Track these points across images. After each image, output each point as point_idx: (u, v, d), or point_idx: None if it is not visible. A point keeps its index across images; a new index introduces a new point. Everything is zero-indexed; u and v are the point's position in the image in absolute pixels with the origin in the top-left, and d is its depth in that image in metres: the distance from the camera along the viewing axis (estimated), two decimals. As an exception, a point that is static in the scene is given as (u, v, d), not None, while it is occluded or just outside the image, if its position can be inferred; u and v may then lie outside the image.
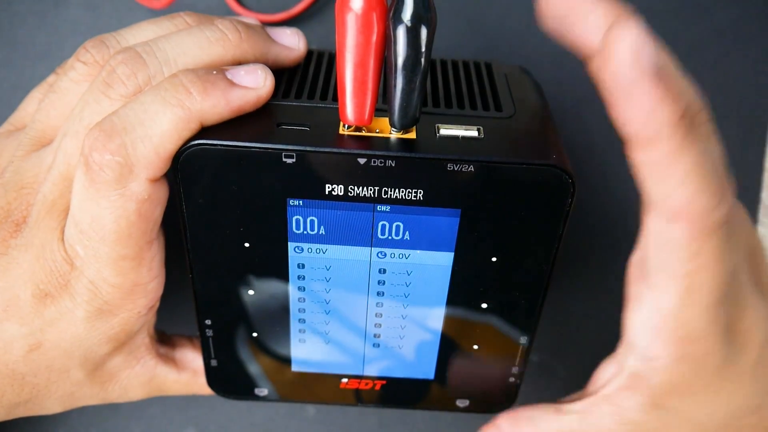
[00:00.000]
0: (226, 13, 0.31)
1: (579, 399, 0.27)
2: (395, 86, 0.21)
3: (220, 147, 0.22)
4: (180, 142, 0.22)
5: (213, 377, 0.28)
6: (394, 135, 0.22)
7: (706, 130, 0.21)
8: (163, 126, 0.21)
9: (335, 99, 0.23)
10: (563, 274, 0.34)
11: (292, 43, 0.25)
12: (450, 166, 0.22)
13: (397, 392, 0.28)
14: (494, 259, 0.24)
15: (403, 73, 0.21)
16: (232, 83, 0.22)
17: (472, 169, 0.22)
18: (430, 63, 0.24)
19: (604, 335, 0.34)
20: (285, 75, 0.25)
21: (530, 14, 0.28)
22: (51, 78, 0.27)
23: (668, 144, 0.19)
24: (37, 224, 0.23)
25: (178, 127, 0.21)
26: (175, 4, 0.31)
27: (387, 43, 0.21)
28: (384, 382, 0.28)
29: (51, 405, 0.26)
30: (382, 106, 0.23)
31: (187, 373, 0.29)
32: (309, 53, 0.26)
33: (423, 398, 0.29)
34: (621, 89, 0.19)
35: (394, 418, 0.37)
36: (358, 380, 0.28)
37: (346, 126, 0.22)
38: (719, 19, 0.32)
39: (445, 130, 0.22)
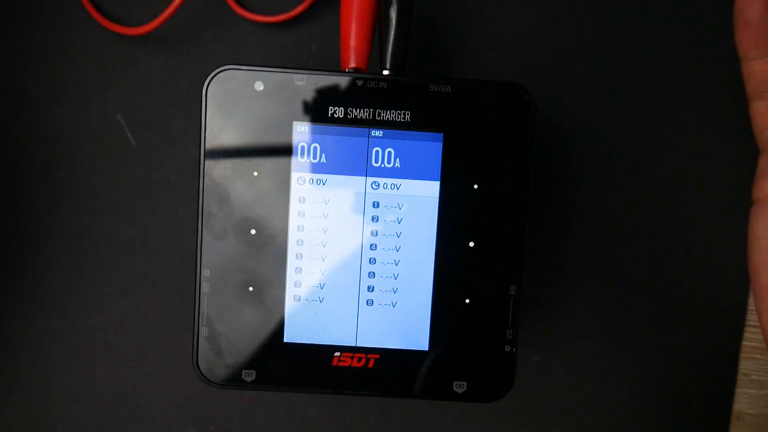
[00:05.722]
0: (227, 12, 0.33)
1: None
2: (388, 30, 0.27)
3: (243, 70, 0.26)
4: None
5: (201, 354, 0.27)
6: (386, 73, 0.27)
7: None
8: None
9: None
10: (563, 274, 0.34)
11: None
12: (431, 87, 0.26)
13: (391, 371, 0.27)
14: (476, 186, 0.27)
15: (395, 19, 0.27)
16: None
17: (450, 89, 0.26)
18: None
19: (604, 335, 0.33)
20: None
21: (528, 25, 0.33)
22: None
23: None
24: None
25: None
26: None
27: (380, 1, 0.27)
28: (377, 356, 0.27)
29: None
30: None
31: None
32: None
33: (419, 381, 0.27)
34: None
35: (394, 419, 0.33)
36: (351, 354, 0.27)
37: (348, 70, 0.27)
38: (719, 19, 0.33)
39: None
